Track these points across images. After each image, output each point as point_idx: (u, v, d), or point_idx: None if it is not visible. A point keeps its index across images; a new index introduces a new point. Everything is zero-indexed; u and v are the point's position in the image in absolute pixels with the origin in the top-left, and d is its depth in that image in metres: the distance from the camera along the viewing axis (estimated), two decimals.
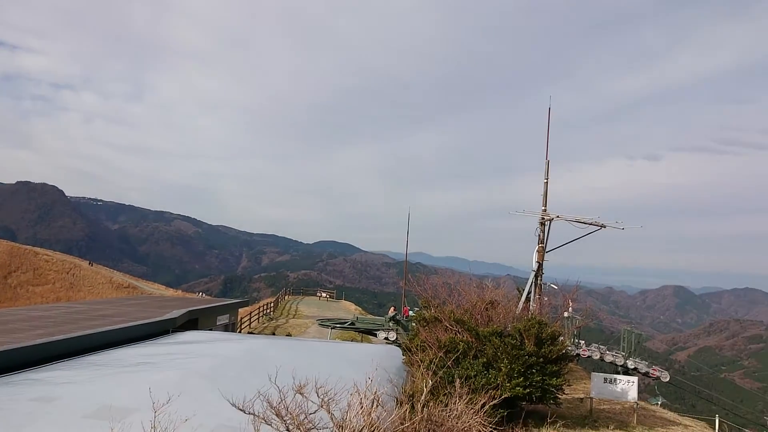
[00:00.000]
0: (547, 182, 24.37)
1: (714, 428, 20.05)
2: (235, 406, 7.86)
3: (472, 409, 10.83)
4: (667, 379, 38.38)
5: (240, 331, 38.82)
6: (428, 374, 11.39)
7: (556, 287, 31.34)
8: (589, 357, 37.82)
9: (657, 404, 27.99)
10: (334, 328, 38.59)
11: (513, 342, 15.01)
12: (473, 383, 13.74)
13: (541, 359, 15.05)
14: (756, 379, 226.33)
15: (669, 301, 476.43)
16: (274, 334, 39.43)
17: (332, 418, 8.27)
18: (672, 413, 23.15)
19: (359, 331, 38.98)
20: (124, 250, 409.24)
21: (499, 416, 12.33)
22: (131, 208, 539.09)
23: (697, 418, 24.33)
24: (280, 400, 7.94)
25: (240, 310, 41.09)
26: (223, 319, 32.55)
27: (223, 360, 14.15)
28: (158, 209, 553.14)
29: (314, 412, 8.14)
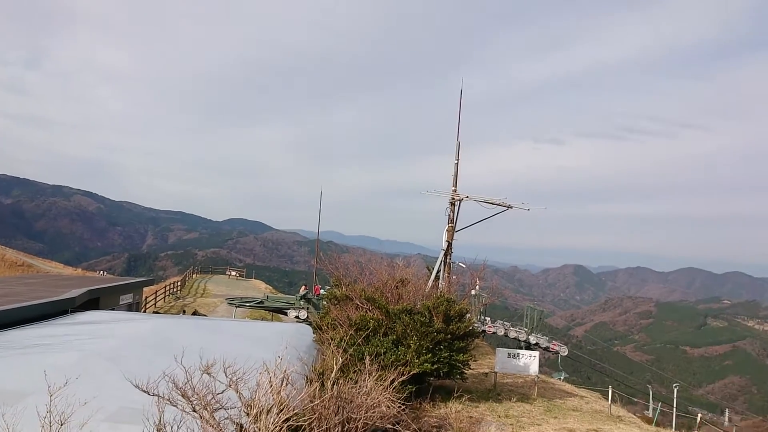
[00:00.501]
0: (457, 163, 24.84)
1: (607, 398, 21.25)
2: (139, 388, 7.61)
3: (381, 385, 10.98)
4: (566, 354, 40.24)
5: (145, 311, 37.60)
6: (338, 352, 11.43)
7: (464, 266, 32.17)
8: (494, 333, 39.13)
9: (560, 379, 29.35)
10: (243, 306, 38.03)
11: (422, 319, 15.29)
12: (383, 360, 13.92)
13: (449, 336, 15.44)
14: (645, 351, 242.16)
15: (569, 279, 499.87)
16: (184, 312, 38.46)
17: (240, 398, 8.16)
18: (570, 385, 24.39)
19: (270, 310, 38.61)
20: (19, 226, 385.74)
21: (407, 392, 12.58)
22: (26, 181, 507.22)
23: (592, 389, 25.76)
24: (186, 380, 7.75)
25: (145, 289, 39.74)
26: (126, 299, 31.40)
27: (126, 340, 13.66)
28: (56, 183, 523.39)
29: (222, 392, 8.00)
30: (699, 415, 23.83)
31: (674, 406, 29.48)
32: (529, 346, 38.15)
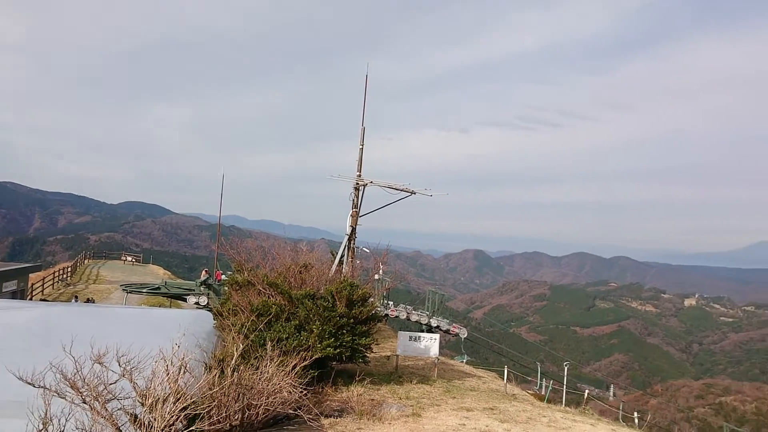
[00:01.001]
0: (362, 148, 24.93)
1: (503, 378, 22.12)
2: (23, 380, 7.19)
3: (283, 371, 10.92)
4: (465, 336, 41.53)
5: (31, 299, 35.48)
6: (239, 338, 11.26)
7: (368, 251, 32.41)
8: (396, 317, 39.78)
9: (463, 362, 30.23)
10: (139, 293, 36.64)
11: (325, 304, 15.31)
12: (285, 345, 13.84)
13: (352, 320, 15.54)
14: (539, 332, 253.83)
15: (469, 263, 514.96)
16: (76, 299, 36.57)
17: (135, 388, 7.89)
18: (468, 366, 25.21)
19: (168, 297, 37.38)
20: None
21: (309, 377, 12.58)
22: None
23: (489, 370, 26.74)
24: (75, 370, 7.39)
25: (31, 275, 37.50)
26: (10, 286, 29.54)
27: (10, 330, 12.83)
28: None
29: (115, 382, 7.70)
30: (586, 391, 25.27)
31: (564, 383, 31.13)
32: (430, 329, 39.06)
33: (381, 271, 37.35)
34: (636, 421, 22.38)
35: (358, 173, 24.64)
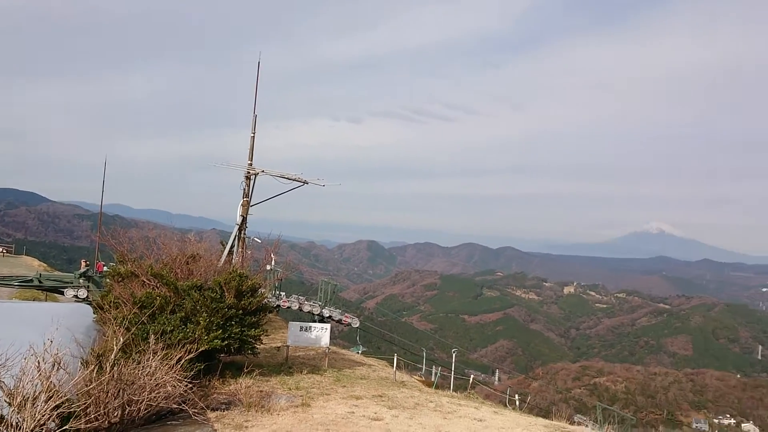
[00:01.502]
0: (253, 136, 24.46)
1: (393, 366, 22.53)
2: None
3: (167, 364, 10.59)
4: (357, 325, 42.04)
5: None
6: (120, 331, 10.77)
7: (259, 241, 31.97)
8: (289, 308, 39.59)
9: (359, 353, 30.49)
10: (9, 286, 34.24)
11: (213, 295, 14.95)
12: (170, 338, 13.41)
13: (241, 311, 15.28)
14: (430, 321, 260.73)
15: (363, 254, 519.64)
16: None
17: (2, 386, 7.39)
18: (359, 355, 25.47)
19: (43, 290, 35.18)
20: None
21: (195, 370, 12.26)
22: None
23: (380, 358, 27.16)
24: None
25: None
26: None
27: None
28: None
29: None
30: (471, 376, 26.24)
31: (452, 369, 32.20)
32: (323, 320, 39.18)
33: (273, 261, 36.95)
34: (517, 403, 23.47)
35: (249, 162, 24.16)
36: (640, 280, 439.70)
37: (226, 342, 14.66)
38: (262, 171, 23.53)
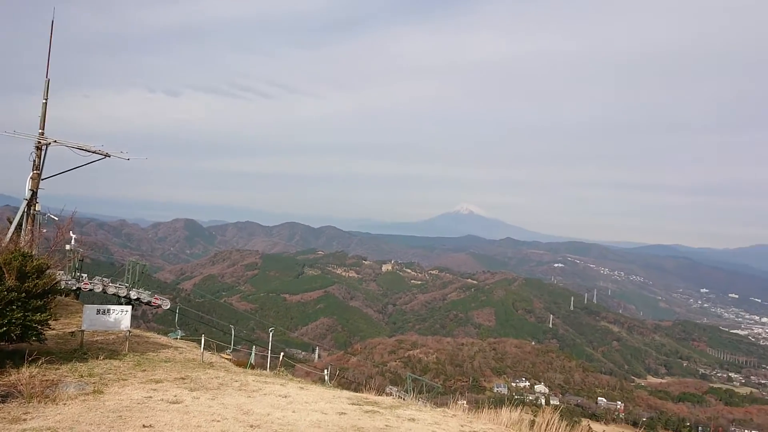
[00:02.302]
0: (45, 103, 22.15)
1: (204, 348, 21.84)
2: None
3: None
4: (168, 306, 40.19)
5: None
6: None
7: (56, 218, 29.25)
8: (91, 290, 36.76)
9: (177, 338, 29.03)
10: None
11: None
12: None
13: (24, 294, 13.85)
14: (250, 301, 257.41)
15: (180, 233, 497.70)
16: None
17: None
18: (165, 337, 24.35)
19: None
20: None
21: None
22: None
23: (190, 340, 26.18)
24: None
25: None
26: None
27: None
28: None
29: None
30: (281, 354, 26.26)
31: (269, 348, 32.01)
32: (130, 302, 36.93)
33: (73, 240, 34.07)
34: (326, 378, 23.91)
35: (40, 130, 21.89)
36: (452, 258, 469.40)
37: (6, 328, 13.22)
38: (54, 141, 21.47)
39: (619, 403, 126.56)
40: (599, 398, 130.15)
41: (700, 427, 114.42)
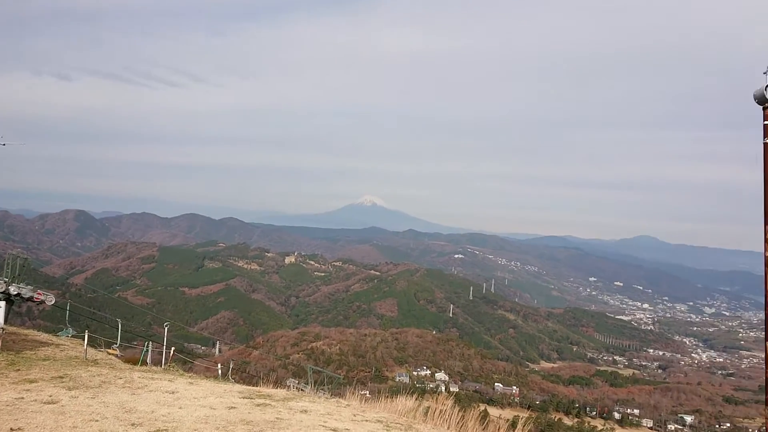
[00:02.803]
0: None
1: (91, 345, 20.78)
2: None
3: None
4: (53, 302, 37.65)
5: None
6: None
7: None
8: None
9: (69, 336, 27.39)
10: None
11: None
12: None
13: None
14: (147, 295, 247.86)
15: (70, 225, 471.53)
16: None
17: None
18: (47, 335, 22.98)
19: None
20: None
21: None
22: None
23: (75, 337, 24.84)
24: None
25: None
26: None
27: None
28: None
29: None
30: (172, 349, 25.41)
31: (164, 344, 30.88)
32: (9, 298, 34.51)
33: None
34: (219, 372, 23.37)
35: None
36: (355, 249, 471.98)
37: None
38: None
39: (515, 387, 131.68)
40: (496, 384, 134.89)
41: (587, 408, 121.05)
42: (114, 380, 13.15)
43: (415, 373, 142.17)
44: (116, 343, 25.50)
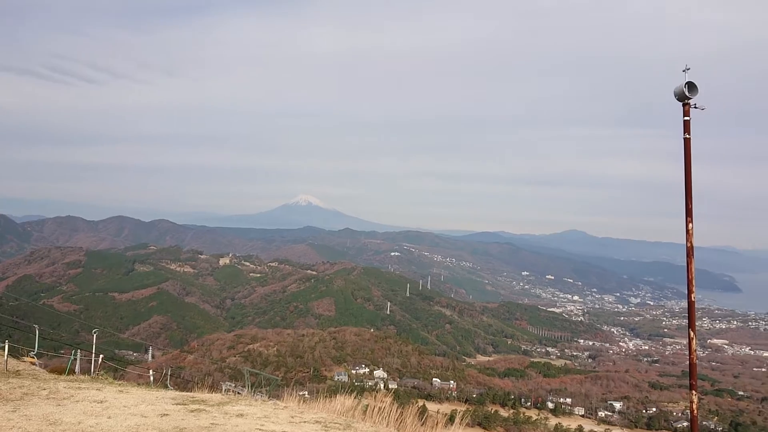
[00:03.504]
0: None
1: (12, 355, 19.79)
2: None
3: None
4: None
5: None
6: None
7: None
8: None
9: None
10: None
11: None
12: None
13: None
14: (74, 302, 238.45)
15: None
16: None
17: None
18: None
19: None
20: None
21: None
22: None
23: (2, 349, 23.57)
24: None
25: None
26: None
27: None
28: None
29: None
30: (101, 356, 24.52)
31: (93, 351, 29.71)
32: None
33: None
34: (151, 378, 22.67)
35: None
36: (291, 249, 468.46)
37: None
38: None
39: (452, 382, 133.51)
40: (434, 379, 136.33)
41: (522, 399, 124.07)
42: (37, 391, 12.51)
43: (353, 371, 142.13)
44: (33, 351, 24.27)
